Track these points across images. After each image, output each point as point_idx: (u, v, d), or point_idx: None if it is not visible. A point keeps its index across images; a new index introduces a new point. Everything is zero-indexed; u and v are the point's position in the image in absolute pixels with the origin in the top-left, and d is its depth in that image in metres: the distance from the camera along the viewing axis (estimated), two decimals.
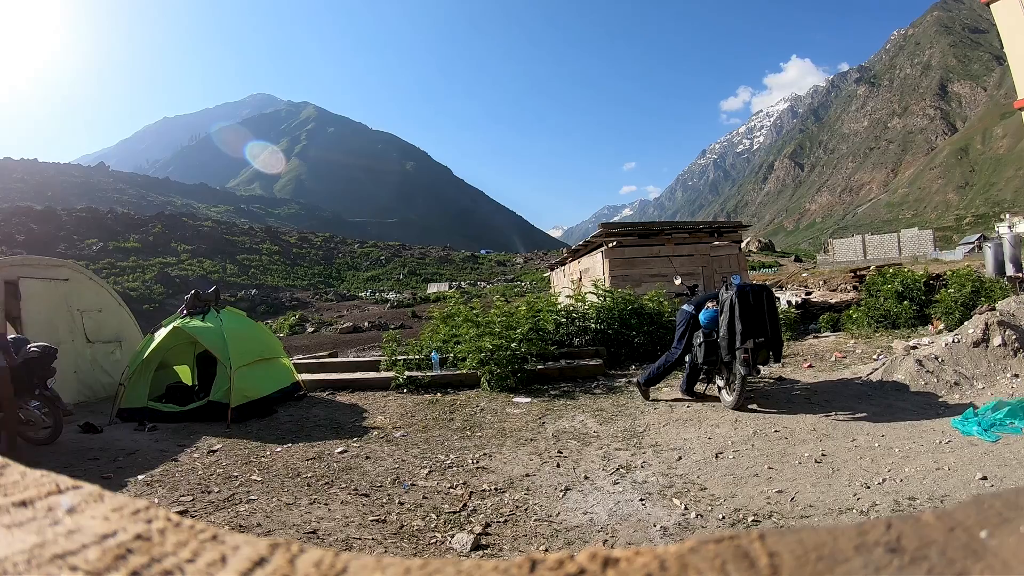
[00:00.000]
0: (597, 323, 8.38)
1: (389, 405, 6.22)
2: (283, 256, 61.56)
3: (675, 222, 14.88)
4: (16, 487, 0.43)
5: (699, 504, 3.21)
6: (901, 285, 9.88)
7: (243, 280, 47.12)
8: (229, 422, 5.52)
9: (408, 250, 79.94)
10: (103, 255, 42.96)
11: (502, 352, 6.66)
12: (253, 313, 27.44)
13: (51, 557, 0.34)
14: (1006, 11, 9.89)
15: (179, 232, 56.38)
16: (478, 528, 3.03)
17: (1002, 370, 5.09)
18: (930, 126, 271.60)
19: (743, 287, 5.01)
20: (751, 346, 4.85)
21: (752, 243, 62.55)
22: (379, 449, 4.58)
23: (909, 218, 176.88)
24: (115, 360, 7.86)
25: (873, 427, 4.33)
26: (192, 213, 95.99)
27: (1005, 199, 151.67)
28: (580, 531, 2.98)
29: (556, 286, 19.16)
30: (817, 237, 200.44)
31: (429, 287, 52.32)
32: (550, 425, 5.05)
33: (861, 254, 44.08)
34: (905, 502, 3.05)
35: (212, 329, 6.07)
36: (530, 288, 35.44)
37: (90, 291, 8.02)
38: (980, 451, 3.62)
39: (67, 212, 54.23)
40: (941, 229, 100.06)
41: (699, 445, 4.24)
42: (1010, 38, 9.99)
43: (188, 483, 3.96)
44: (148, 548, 0.35)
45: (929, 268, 12.12)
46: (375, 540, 2.95)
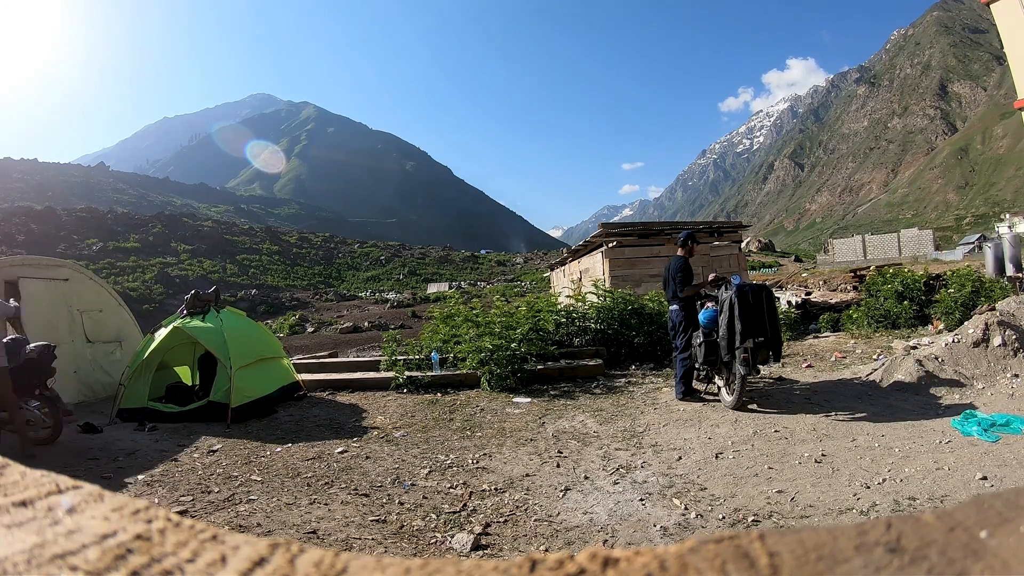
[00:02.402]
0: (597, 323, 8.38)
1: (389, 405, 6.22)
2: (283, 256, 61.55)
3: (675, 222, 14.88)
4: (16, 487, 0.43)
5: (699, 504, 3.21)
6: (901, 285, 9.88)
7: (243, 280, 47.10)
8: (229, 422, 5.52)
9: (408, 250, 79.93)
10: (103, 255, 42.94)
11: (502, 352, 6.66)
12: (253, 313, 27.44)
13: (51, 557, 0.34)
14: (1006, 11, 9.89)
15: (179, 232, 56.37)
16: (478, 528, 3.03)
17: (1002, 370, 5.09)
18: (930, 126, 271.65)
19: (743, 287, 5.01)
20: (751, 346, 4.85)
21: (752, 243, 62.56)
22: (379, 449, 4.58)
23: (909, 218, 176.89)
24: (115, 360, 7.86)
25: (873, 427, 4.33)
26: (192, 213, 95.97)
27: (1005, 199, 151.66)
28: (580, 531, 2.98)
29: (556, 286, 19.16)
30: (817, 237, 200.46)
31: (429, 287, 52.32)
32: (550, 425, 5.05)
33: (861, 254, 44.08)
34: (905, 502, 3.05)
35: (212, 329, 6.07)
36: (530, 288, 35.43)
37: (90, 291, 8.01)
38: (980, 451, 3.62)
39: (67, 212, 54.21)
40: (941, 229, 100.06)
41: (699, 445, 4.24)
42: (1010, 38, 9.99)
43: (188, 483, 3.96)
44: (148, 548, 0.35)
45: (929, 268, 12.12)
46: (375, 540, 2.95)
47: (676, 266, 5.69)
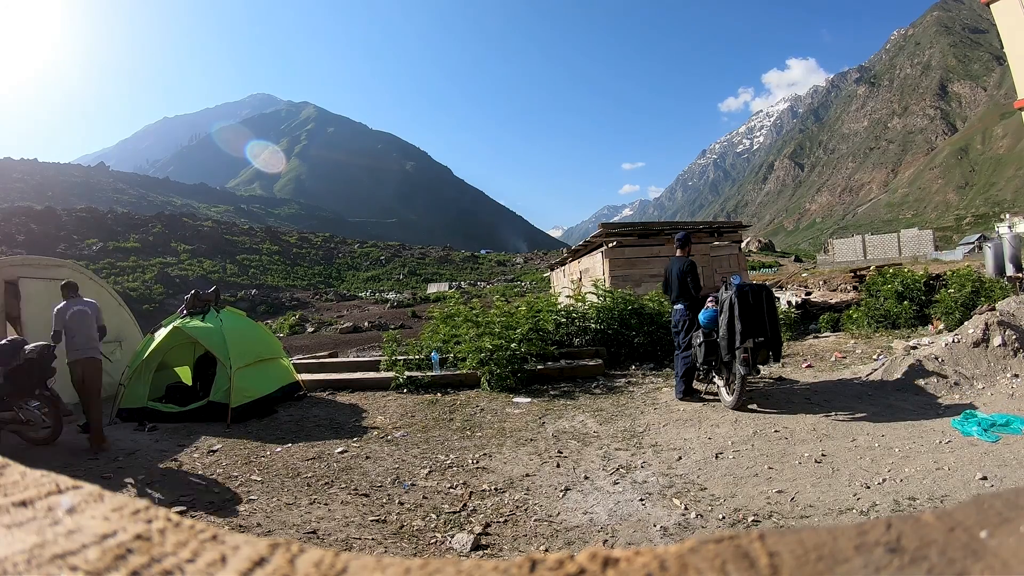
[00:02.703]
0: (597, 323, 8.38)
1: (389, 405, 6.22)
2: (283, 256, 61.54)
3: (675, 222, 14.86)
4: (16, 487, 0.43)
5: (699, 504, 3.21)
6: (901, 285, 9.88)
7: (243, 280, 47.10)
8: (229, 422, 5.52)
9: (408, 250, 79.92)
10: (103, 255, 42.94)
11: (502, 352, 6.66)
12: (253, 313, 27.44)
13: (51, 557, 0.34)
14: (1006, 11, 9.88)
15: (179, 232, 56.36)
16: (478, 528, 3.03)
17: (1002, 370, 5.09)
18: (930, 126, 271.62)
19: (743, 287, 5.01)
20: (751, 346, 4.85)
21: (752, 243, 62.56)
22: (379, 449, 4.58)
23: (909, 218, 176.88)
24: (115, 360, 7.86)
25: (873, 427, 4.33)
26: (192, 213, 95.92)
27: (1005, 199, 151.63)
28: (580, 531, 2.98)
29: (556, 286, 19.15)
30: (817, 237, 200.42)
31: (429, 287, 52.31)
32: (550, 425, 5.05)
33: (861, 254, 44.08)
34: (905, 502, 3.05)
35: (212, 329, 6.07)
36: (530, 288, 35.43)
37: (90, 291, 8.01)
38: (980, 451, 3.62)
39: (67, 212, 54.20)
40: (941, 229, 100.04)
41: (699, 445, 4.23)
42: (1010, 38, 9.98)
43: (188, 483, 3.96)
44: (148, 548, 0.35)
45: (929, 268, 12.12)
46: (375, 540, 2.95)
47: (687, 267, 5.67)
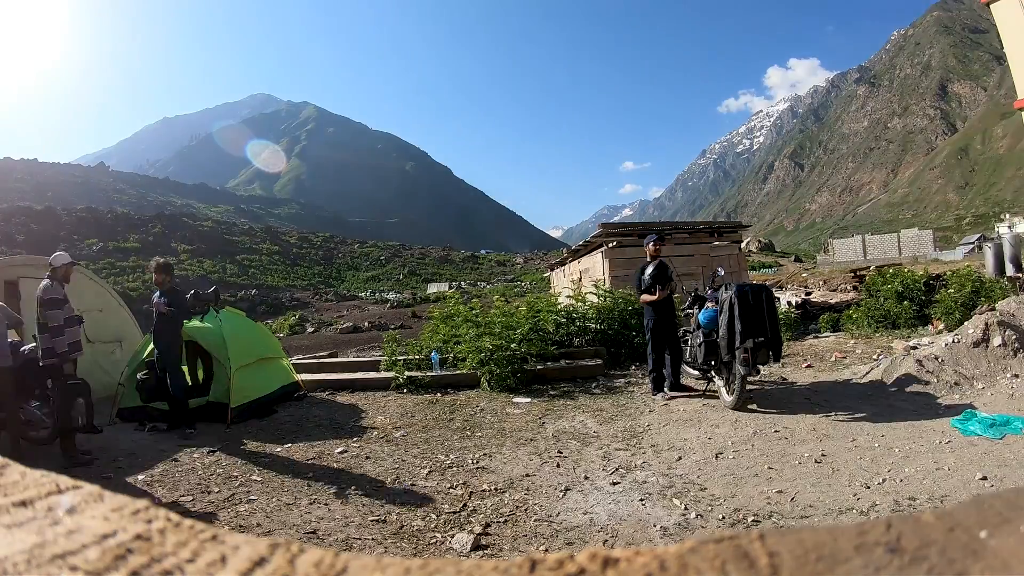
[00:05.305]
0: (597, 323, 8.38)
1: (389, 405, 6.22)
2: (283, 256, 61.55)
3: (675, 222, 14.87)
4: (16, 487, 0.43)
5: (699, 504, 3.21)
6: (901, 285, 9.88)
7: (243, 280, 47.11)
8: (229, 422, 5.51)
9: (408, 250, 79.91)
10: (103, 255, 42.97)
11: (502, 352, 6.66)
12: (253, 313, 27.44)
13: (51, 557, 0.34)
14: (1006, 11, 9.87)
15: (179, 232, 56.38)
16: (478, 528, 3.02)
17: (1002, 370, 5.09)
18: (930, 126, 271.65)
19: (742, 287, 5.01)
20: (751, 346, 4.85)
21: (752, 243, 62.54)
22: (379, 449, 4.58)
23: (909, 218, 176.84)
24: (115, 360, 7.85)
25: (873, 427, 4.33)
26: (192, 213, 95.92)
27: (1005, 199, 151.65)
28: (580, 531, 2.98)
29: (556, 286, 19.15)
30: (817, 237, 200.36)
31: (429, 287, 52.32)
32: (550, 425, 5.05)
33: (861, 254, 44.09)
34: (905, 502, 3.05)
35: (211, 329, 6.07)
36: (530, 288, 35.43)
37: (90, 291, 8.01)
38: (980, 451, 3.62)
39: (67, 212, 54.21)
40: (941, 229, 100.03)
41: (699, 445, 4.23)
42: (1010, 38, 9.98)
43: (188, 483, 3.96)
44: (148, 548, 0.35)
45: (929, 268, 12.12)
46: (375, 540, 2.95)
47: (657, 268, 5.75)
